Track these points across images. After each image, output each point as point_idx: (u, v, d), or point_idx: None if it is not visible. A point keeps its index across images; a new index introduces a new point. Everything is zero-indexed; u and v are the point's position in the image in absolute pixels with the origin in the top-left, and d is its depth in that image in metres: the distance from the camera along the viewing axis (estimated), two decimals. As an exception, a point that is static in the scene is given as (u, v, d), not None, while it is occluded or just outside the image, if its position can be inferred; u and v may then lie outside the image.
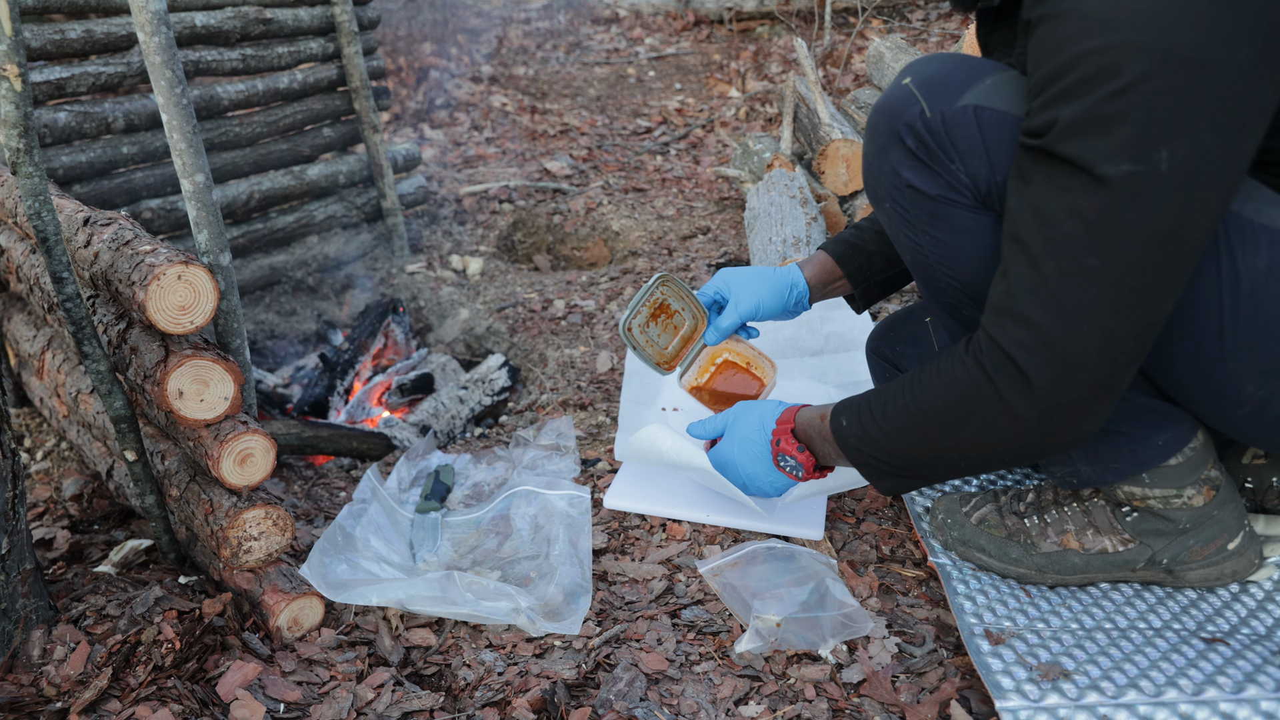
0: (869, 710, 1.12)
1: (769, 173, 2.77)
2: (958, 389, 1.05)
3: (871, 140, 1.17)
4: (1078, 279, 0.92)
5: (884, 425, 1.15)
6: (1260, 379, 1.03)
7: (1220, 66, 0.83)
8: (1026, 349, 0.97)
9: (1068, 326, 0.94)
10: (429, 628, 1.32)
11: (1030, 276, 0.96)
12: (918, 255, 1.17)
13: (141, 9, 1.33)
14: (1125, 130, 0.85)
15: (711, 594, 1.34)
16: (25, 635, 1.19)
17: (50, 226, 1.16)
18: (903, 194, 1.13)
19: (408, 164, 3.17)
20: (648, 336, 1.56)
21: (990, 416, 1.02)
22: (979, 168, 1.06)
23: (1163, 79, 0.83)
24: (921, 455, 1.13)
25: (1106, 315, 0.93)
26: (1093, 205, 0.89)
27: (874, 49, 3.66)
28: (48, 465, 1.88)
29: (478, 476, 1.70)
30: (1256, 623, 1.17)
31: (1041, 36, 0.91)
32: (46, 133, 2.16)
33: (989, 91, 1.06)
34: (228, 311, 1.47)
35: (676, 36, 6.56)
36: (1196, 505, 1.18)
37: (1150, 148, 0.85)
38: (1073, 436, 1.02)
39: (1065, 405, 0.98)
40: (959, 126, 1.06)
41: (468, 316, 2.65)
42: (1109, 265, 0.91)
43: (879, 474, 1.19)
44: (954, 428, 1.07)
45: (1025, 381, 0.97)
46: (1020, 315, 0.97)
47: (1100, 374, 0.96)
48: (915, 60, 1.15)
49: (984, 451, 1.08)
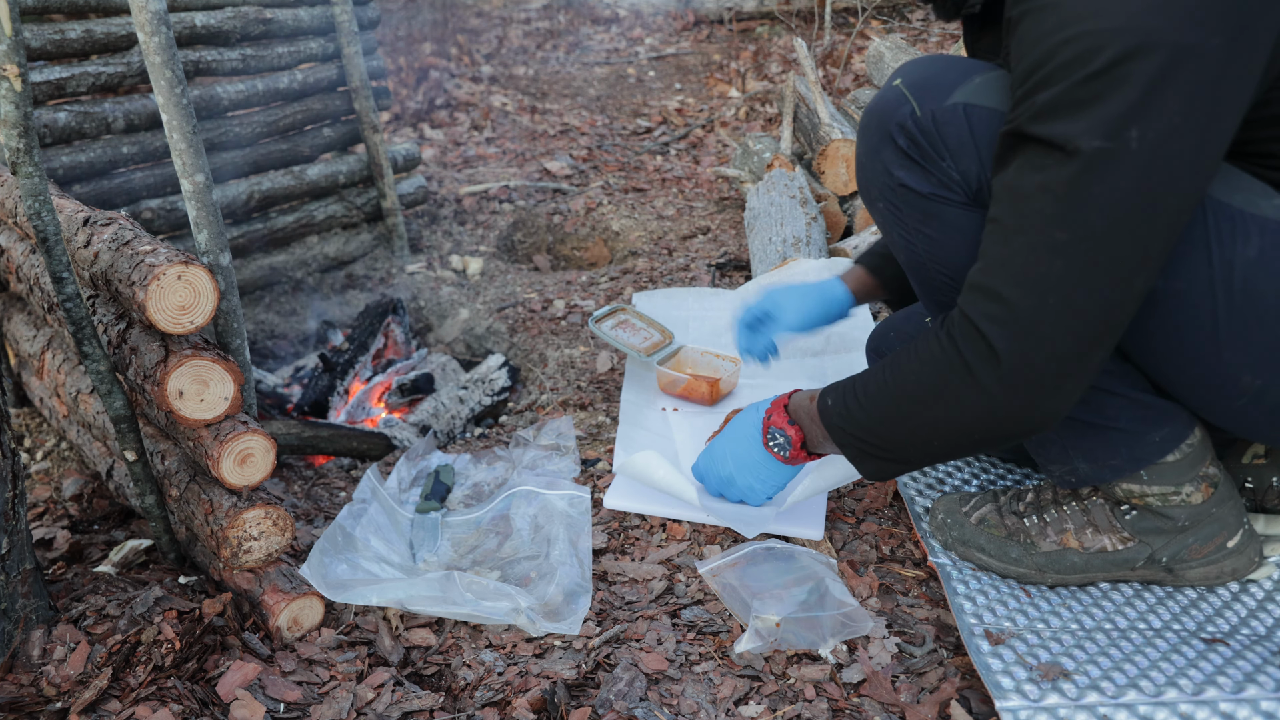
0: (869, 710, 1.12)
1: (769, 173, 2.77)
2: (931, 364, 1.07)
3: (864, 141, 1.19)
4: (1045, 252, 0.94)
5: (864, 403, 1.16)
6: (1256, 369, 1.03)
7: (1193, 52, 0.85)
8: (994, 322, 0.98)
9: (1034, 299, 0.95)
10: (429, 628, 1.32)
11: (1001, 252, 0.98)
12: (911, 254, 1.18)
13: (141, 9, 1.33)
14: (1098, 110, 0.88)
15: (711, 594, 1.34)
16: (25, 635, 1.19)
17: (50, 226, 1.16)
18: (895, 193, 1.14)
19: (408, 164, 3.16)
20: (616, 334, 1.93)
21: (960, 390, 1.04)
22: (969, 164, 1.07)
23: (1136, 61, 0.85)
24: (898, 433, 1.14)
25: (1073, 289, 0.94)
26: (1062, 180, 0.91)
27: (874, 49, 3.66)
28: (48, 465, 1.88)
29: (478, 476, 1.70)
30: (1256, 623, 1.17)
31: (1022, 32, 0.93)
32: (46, 133, 2.16)
33: (978, 89, 1.08)
34: (228, 311, 1.47)
35: (676, 36, 6.56)
36: (1195, 503, 1.18)
37: (1121, 126, 0.87)
38: (1040, 415, 1.02)
39: (1030, 379, 0.99)
40: (949, 124, 1.08)
41: (468, 316, 2.65)
42: (1076, 239, 0.92)
43: (861, 455, 1.19)
44: (927, 403, 1.08)
45: (992, 354, 0.99)
46: (990, 289, 0.98)
47: (1065, 348, 0.97)
48: (906, 63, 1.17)
49: (955, 429, 1.08)
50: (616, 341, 1.93)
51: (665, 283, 2.62)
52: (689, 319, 2.15)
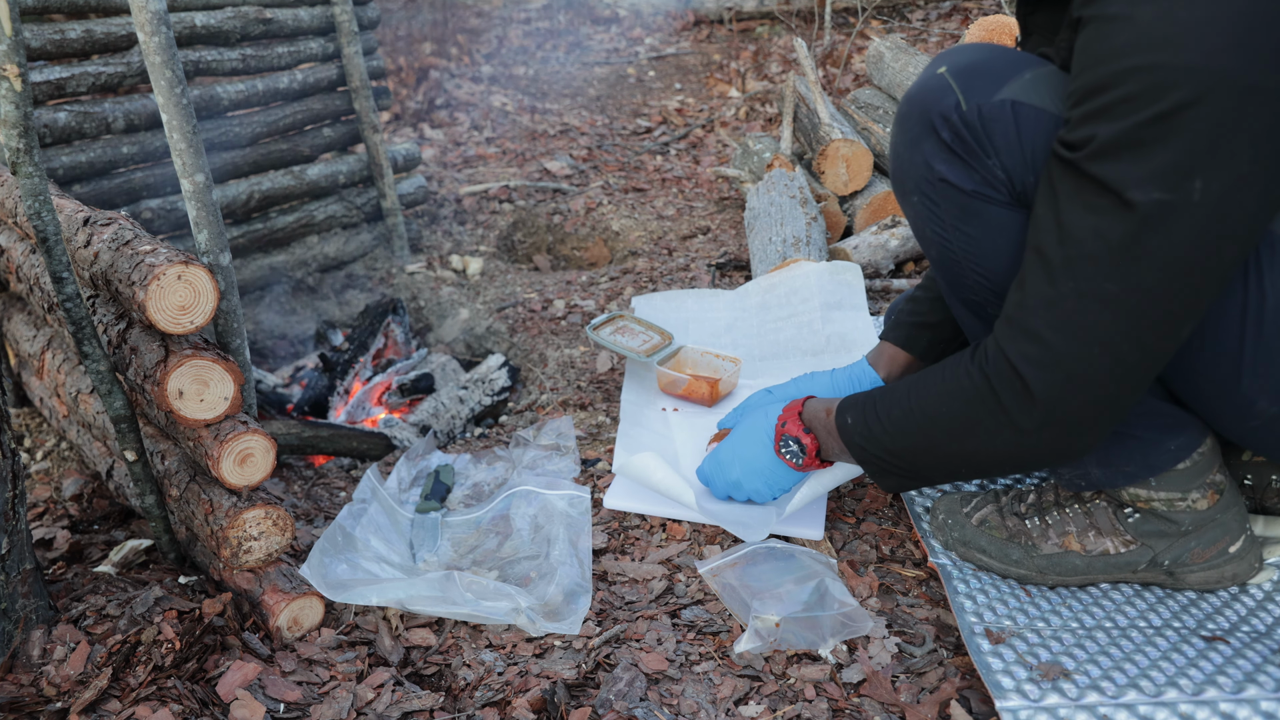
0: (869, 710, 1.12)
1: (769, 173, 2.77)
2: (962, 398, 1.05)
3: (902, 131, 1.12)
4: (1094, 302, 0.91)
5: (888, 427, 1.15)
6: (1274, 397, 1.02)
7: (1270, 94, 0.80)
8: (1033, 364, 0.96)
9: (1078, 348, 0.93)
10: (429, 628, 1.32)
11: (1046, 293, 0.94)
12: (945, 251, 1.13)
13: (141, 9, 1.33)
14: (1162, 157, 0.83)
15: (711, 594, 1.34)
16: (25, 635, 1.19)
17: (50, 226, 1.16)
18: (934, 187, 1.09)
19: (408, 164, 3.16)
20: (615, 339, 1.95)
21: (993, 428, 1.02)
22: (1014, 164, 1.03)
23: (1209, 106, 0.80)
24: (924, 459, 1.13)
25: (1119, 341, 0.92)
26: (1117, 230, 0.87)
27: (874, 49, 3.66)
28: (48, 465, 1.88)
29: (478, 476, 1.70)
30: (1256, 621, 1.17)
31: (1087, 39, 0.87)
32: (46, 133, 2.16)
33: (1027, 87, 1.02)
34: (228, 311, 1.47)
35: (676, 36, 6.56)
36: (1200, 508, 1.18)
37: (1184, 177, 0.83)
38: (1073, 451, 1.02)
39: (1068, 421, 0.98)
40: (996, 121, 1.02)
41: (468, 316, 2.65)
42: (1128, 292, 0.89)
43: (882, 472, 1.19)
44: (957, 436, 1.07)
45: (1029, 396, 0.97)
46: (1031, 330, 0.95)
47: (1106, 394, 0.95)
48: (950, 49, 1.11)
49: (985, 460, 1.08)
50: (616, 346, 1.93)
51: (665, 282, 2.62)
52: (689, 321, 2.15)
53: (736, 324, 2.13)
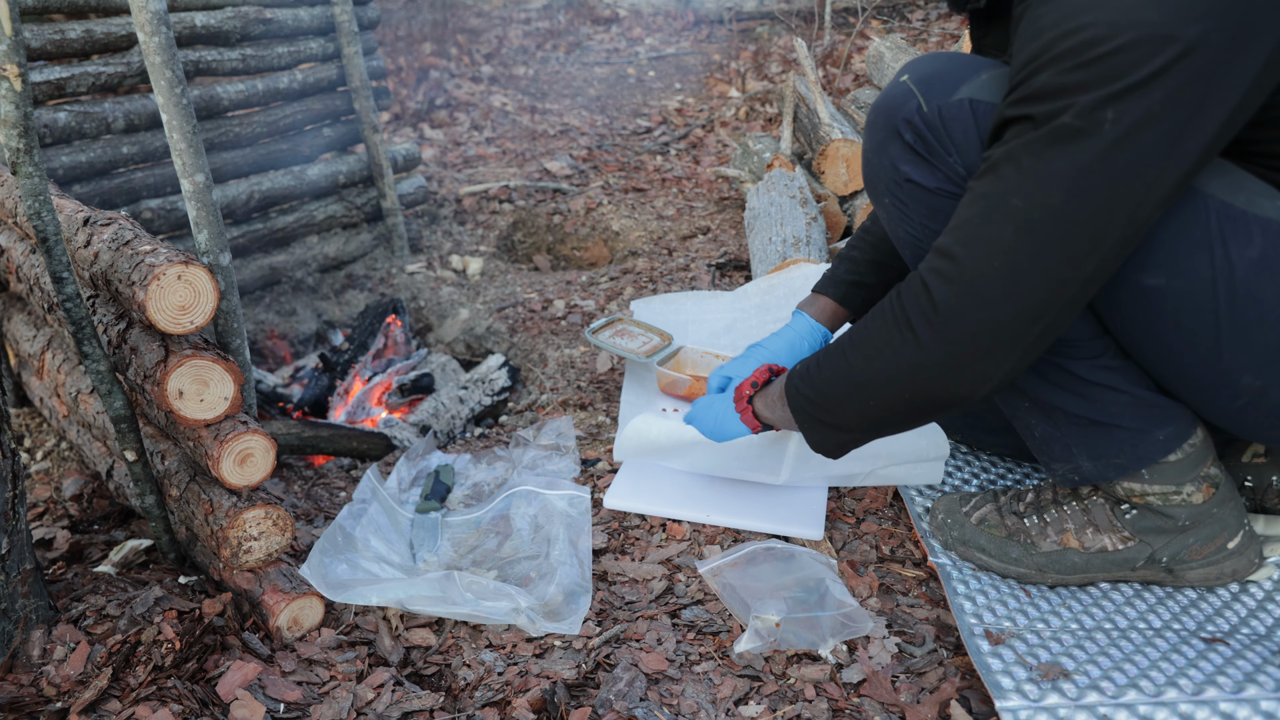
0: (869, 710, 1.12)
1: (769, 173, 2.77)
2: (878, 318, 1.08)
3: (870, 137, 1.19)
4: (999, 216, 0.95)
5: (821, 361, 1.18)
6: (1257, 370, 1.03)
7: (1187, 46, 0.85)
8: (939, 276, 1.00)
9: (980, 260, 0.97)
10: (429, 628, 1.32)
11: (961, 214, 1.00)
12: (917, 249, 1.19)
13: (141, 9, 1.33)
14: (1079, 94, 0.88)
15: (711, 594, 1.34)
16: (25, 635, 1.19)
17: (50, 226, 1.16)
18: (902, 188, 1.15)
19: (408, 164, 3.17)
20: (614, 342, 1.96)
21: (897, 343, 1.05)
22: (974, 159, 1.08)
23: (1127, 52, 0.86)
24: (840, 392, 1.14)
25: (1019, 256, 0.95)
26: (1027, 149, 0.93)
27: (874, 49, 3.66)
28: (48, 465, 1.88)
29: (478, 476, 1.70)
30: (1256, 623, 1.17)
31: (1023, 27, 0.94)
32: (46, 133, 2.16)
33: (984, 85, 1.08)
34: (228, 311, 1.47)
35: (676, 36, 6.56)
36: (1196, 502, 1.18)
37: (1096, 107, 0.88)
38: (967, 380, 1.02)
39: (962, 337, 1.00)
40: (954, 120, 1.08)
41: (468, 316, 2.65)
42: (1030, 207, 0.93)
43: (809, 421, 1.20)
44: (869, 357, 1.09)
45: (931, 306, 1.00)
46: (943, 248, 1.00)
47: (1003, 314, 0.97)
48: (913, 59, 1.17)
49: (887, 385, 1.08)
50: (615, 349, 1.94)
51: (665, 282, 2.62)
52: (688, 322, 2.16)
53: (736, 325, 2.13)
